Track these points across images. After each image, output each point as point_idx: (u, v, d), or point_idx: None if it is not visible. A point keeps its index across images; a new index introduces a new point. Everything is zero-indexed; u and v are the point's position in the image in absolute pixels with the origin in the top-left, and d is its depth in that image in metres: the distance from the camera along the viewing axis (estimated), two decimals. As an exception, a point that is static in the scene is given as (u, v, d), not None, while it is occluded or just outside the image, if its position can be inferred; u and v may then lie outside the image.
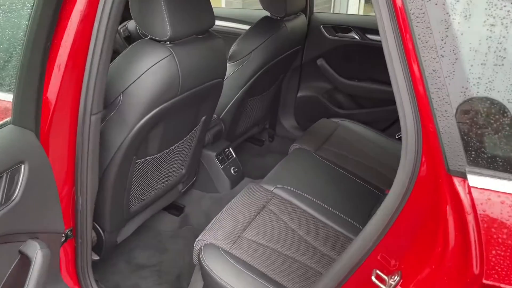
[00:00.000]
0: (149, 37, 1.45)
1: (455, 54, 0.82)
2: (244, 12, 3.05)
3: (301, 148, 2.23)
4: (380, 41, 0.92)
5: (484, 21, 0.81)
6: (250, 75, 2.15)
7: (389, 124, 2.62)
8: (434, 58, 0.83)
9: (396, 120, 2.58)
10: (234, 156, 2.31)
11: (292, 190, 1.87)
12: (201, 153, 2.17)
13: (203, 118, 1.89)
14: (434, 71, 0.83)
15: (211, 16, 1.58)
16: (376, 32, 2.46)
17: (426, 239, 0.87)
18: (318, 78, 2.73)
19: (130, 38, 2.54)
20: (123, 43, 2.45)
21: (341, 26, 2.57)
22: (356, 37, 2.53)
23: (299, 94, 2.81)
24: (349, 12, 5.88)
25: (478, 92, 0.81)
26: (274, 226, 1.69)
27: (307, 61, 2.70)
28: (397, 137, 2.51)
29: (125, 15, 1.63)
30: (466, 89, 0.81)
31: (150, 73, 1.38)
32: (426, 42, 0.83)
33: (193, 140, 1.92)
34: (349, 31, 2.55)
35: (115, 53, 1.41)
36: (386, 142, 2.42)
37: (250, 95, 2.31)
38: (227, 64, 2.15)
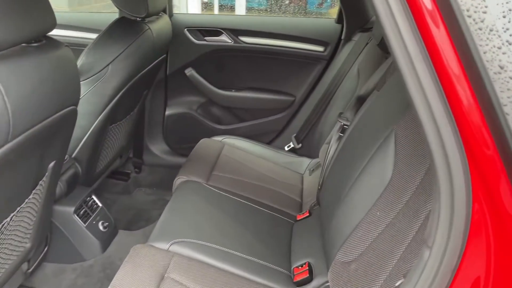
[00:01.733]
0: None
1: (527, 40, 0.50)
2: (82, 16, 2.43)
3: (188, 180, 1.77)
4: (256, 44, 0.55)
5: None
6: (110, 96, 1.60)
7: (275, 135, 2.36)
8: (499, 48, 0.49)
9: (282, 130, 2.33)
10: (101, 205, 1.72)
11: (194, 242, 1.41)
12: (52, 212, 1.53)
13: (52, 164, 1.29)
14: (501, 68, 0.49)
15: (50, 14, 1.02)
16: (251, 33, 2.18)
17: None
18: (189, 91, 2.33)
19: None
20: None
21: (209, 29, 2.20)
22: (228, 40, 2.20)
23: (167, 112, 2.36)
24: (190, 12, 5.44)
25: None
26: (183, 302, 1.21)
27: (173, 72, 2.28)
28: (286, 149, 2.26)
29: None
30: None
31: None
32: (482, 22, 0.49)
33: (39, 199, 1.30)
34: (219, 34, 2.20)
35: None
36: (278, 157, 2.14)
37: (112, 121, 1.75)
38: (75, 84, 1.56)
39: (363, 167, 1.25)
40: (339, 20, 2.13)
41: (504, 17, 0.50)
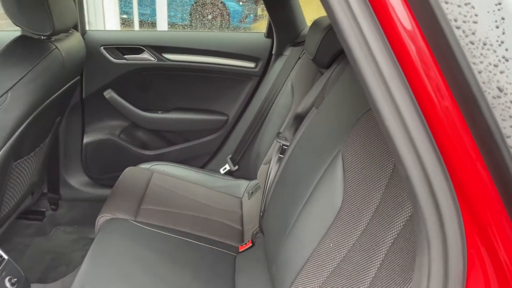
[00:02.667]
0: None
1: (525, 54, 0.40)
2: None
3: (113, 218, 1.56)
4: (182, 62, 0.44)
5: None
6: (11, 128, 1.35)
7: (208, 158, 2.21)
8: (496, 66, 0.39)
9: (216, 152, 2.18)
10: (6, 257, 1.44)
11: (124, 295, 1.21)
12: None
13: None
14: (501, 91, 0.39)
15: None
16: (176, 50, 2.03)
17: None
18: (109, 115, 2.12)
19: None
20: None
21: (129, 46, 2.02)
22: (151, 58, 2.03)
23: (85, 140, 2.12)
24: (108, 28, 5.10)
25: None
26: None
27: (90, 95, 2.05)
28: (222, 172, 2.12)
29: None
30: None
31: None
32: (473, 34, 0.39)
33: None
34: (140, 51, 2.03)
35: None
36: (213, 181, 2.00)
37: (16, 156, 1.50)
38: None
39: (310, 193, 1.14)
40: (269, 34, 2.05)
41: (497, 27, 0.40)
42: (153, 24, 5.46)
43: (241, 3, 5.85)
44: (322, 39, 1.46)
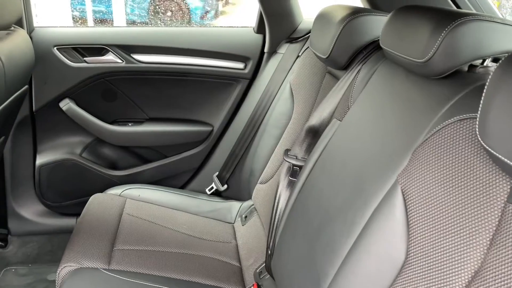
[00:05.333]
0: None
1: None
2: None
3: (80, 268, 1.23)
4: (156, 63, 0.32)
5: None
6: None
7: (190, 176, 1.92)
8: None
9: (199, 169, 1.90)
10: None
11: None
12: None
13: None
14: None
15: None
16: (149, 50, 1.78)
17: None
18: (68, 130, 1.81)
19: None
20: None
21: (90, 46, 1.72)
22: (118, 60, 1.75)
23: (39, 162, 1.79)
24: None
25: None
26: None
27: (42, 107, 1.73)
28: (208, 192, 1.84)
29: None
30: None
31: None
32: None
33: None
34: (104, 52, 1.73)
35: None
36: (199, 204, 1.73)
37: None
38: None
39: (356, 239, 0.85)
40: (260, 29, 1.78)
41: None
42: (110, 23, 5.09)
43: (201, -1, 5.57)
44: (340, 34, 1.18)
